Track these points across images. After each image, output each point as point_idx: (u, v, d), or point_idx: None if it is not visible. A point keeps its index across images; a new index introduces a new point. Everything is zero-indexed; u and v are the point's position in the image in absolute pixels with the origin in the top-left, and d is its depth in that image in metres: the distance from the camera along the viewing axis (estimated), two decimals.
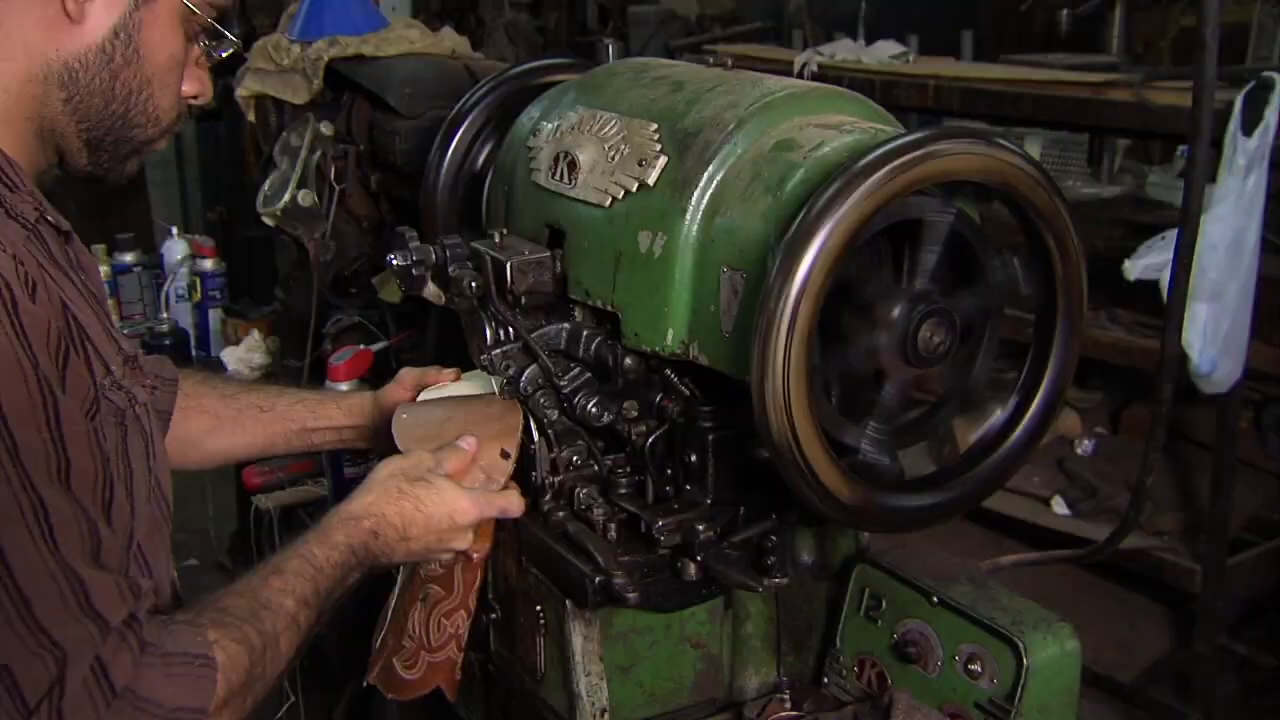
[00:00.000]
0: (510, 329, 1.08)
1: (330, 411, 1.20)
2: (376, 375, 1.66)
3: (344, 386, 1.63)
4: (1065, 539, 2.04)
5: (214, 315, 2.35)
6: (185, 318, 2.40)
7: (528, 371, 1.08)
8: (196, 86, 0.88)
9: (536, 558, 1.10)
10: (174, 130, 0.87)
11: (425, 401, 1.16)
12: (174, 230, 2.45)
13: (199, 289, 2.36)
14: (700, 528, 1.00)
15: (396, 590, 1.10)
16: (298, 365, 1.85)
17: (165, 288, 2.38)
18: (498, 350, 1.08)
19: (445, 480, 1.01)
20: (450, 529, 0.99)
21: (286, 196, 1.75)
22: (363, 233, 1.78)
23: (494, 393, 1.12)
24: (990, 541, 2.13)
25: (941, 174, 0.86)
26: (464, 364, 1.19)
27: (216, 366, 2.26)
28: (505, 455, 1.08)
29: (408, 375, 1.22)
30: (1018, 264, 0.94)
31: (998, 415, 0.98)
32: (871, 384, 0.91)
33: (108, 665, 0.70)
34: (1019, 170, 0.88)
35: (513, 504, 1.05)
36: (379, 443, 1.18)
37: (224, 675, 0.76)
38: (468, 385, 1.18)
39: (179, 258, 2.40)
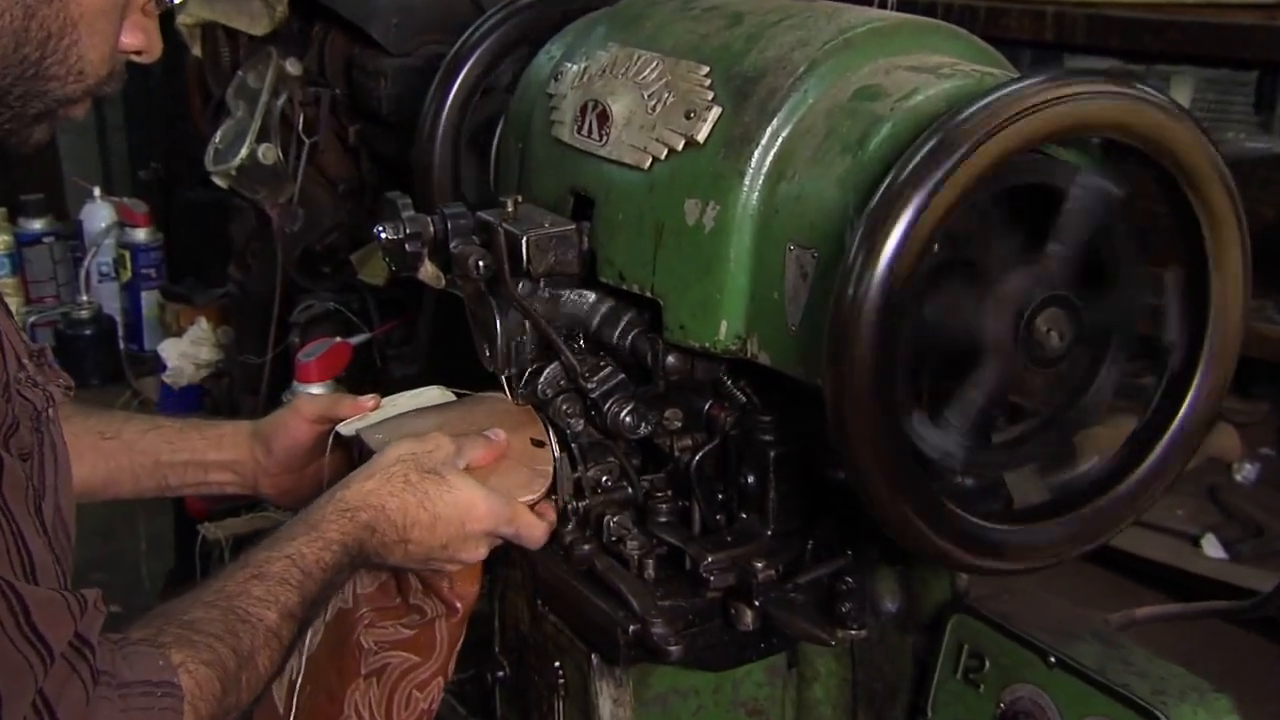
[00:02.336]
0: (526, 319, 1.12)
1: (192, 443, 1.17)
2: (356, 375, 1.72)
3: (315, 389, 1.68)
4: (1219, 588, 2.04)
5: (149, 299, 2.41)
6: (112, 302, 2.45)
7: (547, 371, 1.12)
8: (140, 39, 0.86)
9: (555, 601, 1.14)
10: (102, 91, 0.85)
11: (392, 419, 1.16)
12: (95, 192, 2.50)
13: (129, 266, 2.41)
14: (758, 565, 1.04)
15: (305, 652, 1.08)
16: (257, 362, 1.90)
17: (85, 263, 2.44)
18: (510, 345, 1.12)
19: (463, 476, 1.04)
20: (459, 537, 1.03)
21: (243, 152, 1.79)
22: (339, 198, 1.83)
23: (471, 396, 1.16)
24: (1122, 589, 2.13)
25: (1065, 129, 0.88)
26: (462, 362, 1.22)
27: (152, 362, 2.32)
28: (539, 443, 1.12)
29: (307, 404, 1.18)
30: (1169, 282, 0.96)
31: (1131, 430, 1.00)
32: (966, 386, 0.94)
33: (53, 701, 0.71)
34: (1167, 122, 0.90)
35: (537, 527, 1.08)
36: (272, 488, 1.17)
37: (191, 706, 0.78)
38: (412, 400, 1.19)
39: (102, 226, 2.46)
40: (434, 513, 1.01)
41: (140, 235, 2.42)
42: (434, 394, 1.21)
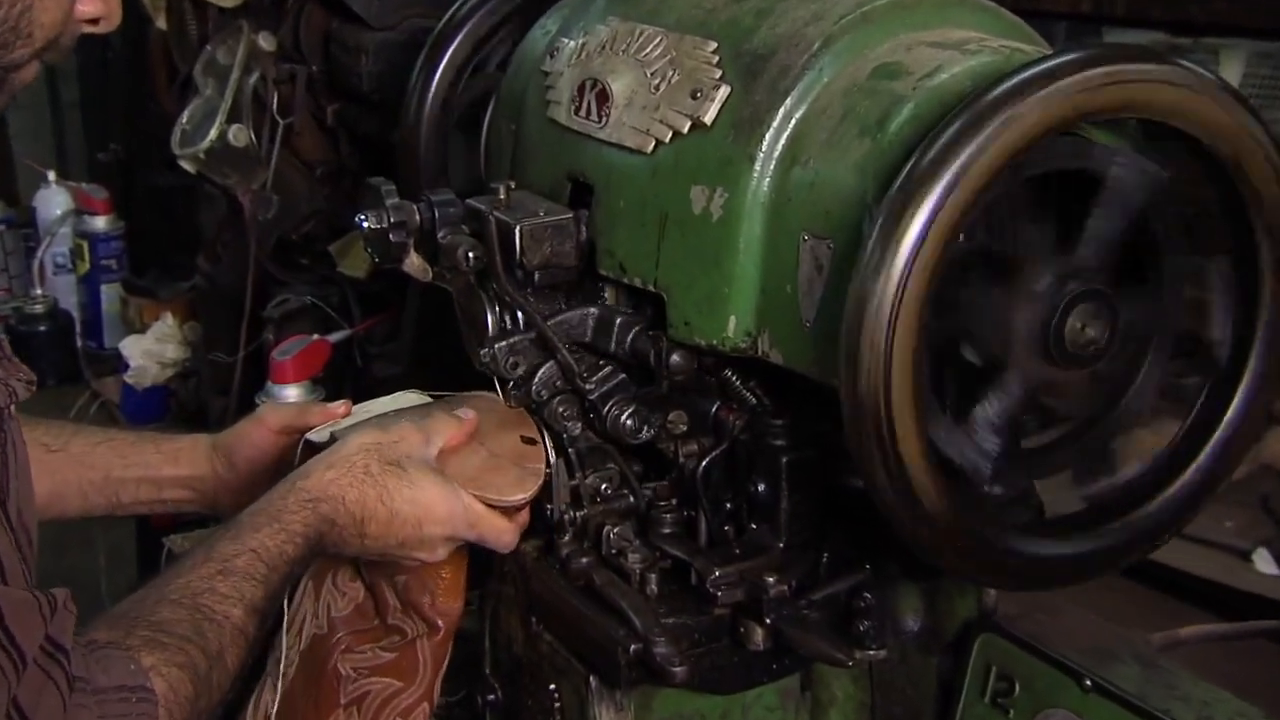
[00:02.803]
0: (520, 315, 1.13)
1: (146, 457, 1.18)
2: (335, 375, 1.73)
3: (291, 391, 1.69)
4: (1271, 607, 2.04)
5: (109, 293, 2.41)
6: (69, 295, 2.46)
7: (542, 371, 1.13)
8: (97, 6, 0.86)
9: (551, 619, 1.15)
10: (53, 55, 0.86)
11: (367, 421, 1.14)
12: (49, 176, 2.50)
13: (87, 257, 2.41)
14: (770, 580, 1.05)
15: (280, 684, 1.09)
16: (227, 361, 1.91)
17: (39, 254, 2.44)
18: (503, 343, 1.13)
19: (427, 472, 1.06)
20: (415, 538, 1.05)
21: (213, 133, 1.80)
22: (316, 183, 1.85)
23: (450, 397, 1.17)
24: (1165, 608, 2.14)
25: (1102, 109, 0.88)
26: (450, 362, 1.23)
27: (112, 361, 2.32)
28: (531, 441, 1.13)
29: (272, 415, 1.21)
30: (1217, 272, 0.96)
31: (1173, 434, 1.01)
32: (994, 387, 0.94)
33: (29, 710, 0.74)
34: (1212, 102, 0.90)
35: (504, 532, 1.10)
36: (234, 504, 1.14)
37: (165, 709, 0.83)
38: (389, 405, 1.19)
39: (58, 214, 2.46)
40: (392, 509, 1.03)
41: (99, 223, 2.42)
42: (410, 398, 1.22)
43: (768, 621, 1.05)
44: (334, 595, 1.13)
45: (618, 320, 1.12)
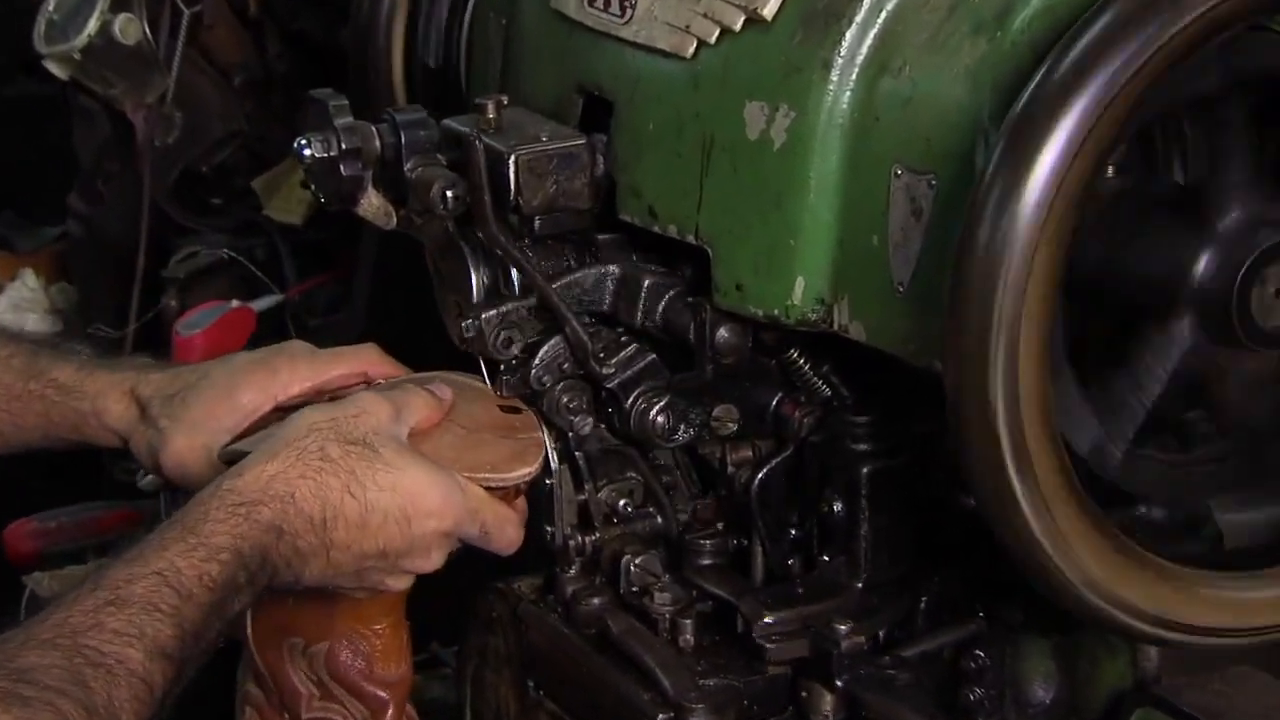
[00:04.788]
0: (515, 275, 1.16)
1: (65, 372, 1.24)
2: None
3: None
4: None
5: None
6: None
7: (545, 350, 1.16)
8: None
9: (554, 681, 1.19)
10: None
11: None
12: None
13: None
14: (843, 629, 1.08)
15: None
16: (113, 336, 1.93)
17: None
18: (492, 311, 1.15)
19: (404, 451, 1.09)
20: (403, 538, 1.06)
21: (91, 26, 1.82)
22: (234, 96, 1.88)
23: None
24: None
25: None
26: (418, 337, 1.26)
27: None
28: (512, 409, 1.17)
29: (255, 373, 1.21)
30: None
31: None
32: (1144, 370, 0.98)
33: None
34: None
35: (509, 521, 1.12)
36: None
37: None
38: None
39: None
40: (365, 502, 1.05)
41: None
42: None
43: (839, 685, 1.08)
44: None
45: (646, 282, 1.15)
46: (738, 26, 1.06)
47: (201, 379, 1.21)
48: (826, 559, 1.15)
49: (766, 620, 1.10)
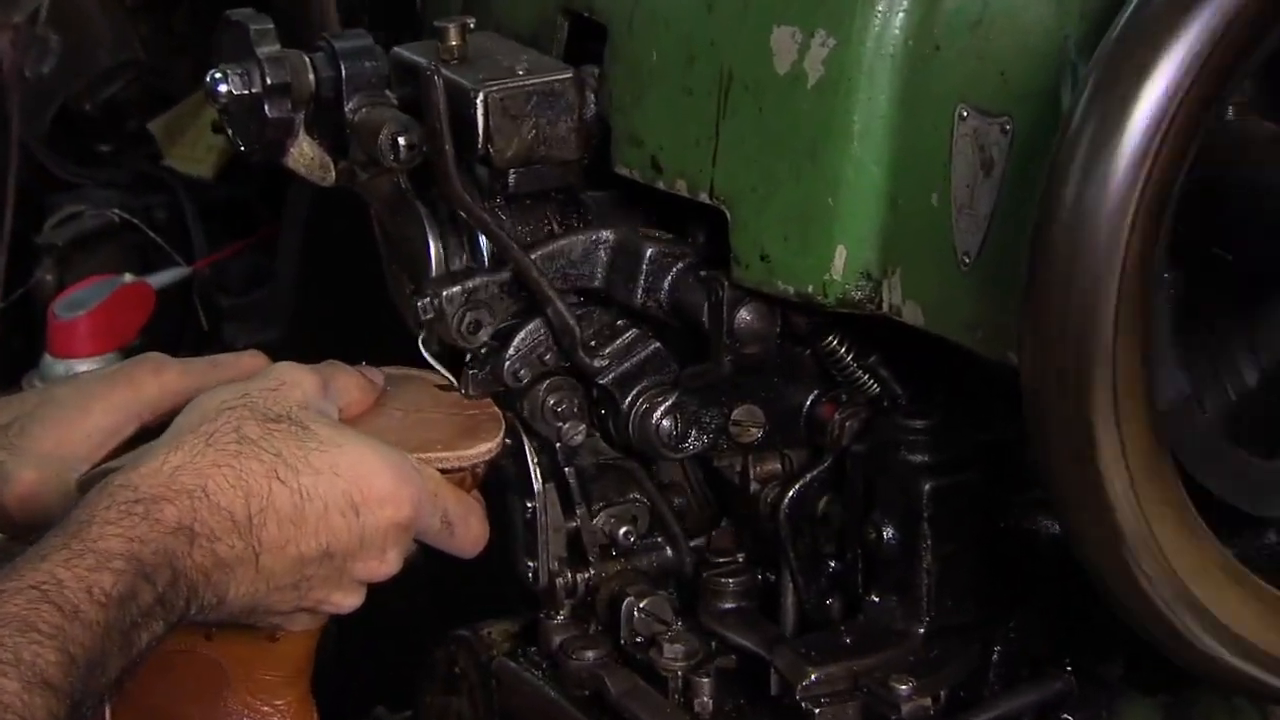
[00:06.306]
0: (484, 242, 1.18)
1: None
2: (163, 344, 1.74)
3: (83, 366, 1.72)
4: None
5: None
6: None
7: (521, 336, 1.18)
8: None
9: None
10: None
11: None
12: None
13: None
14: (903, 689, 1.09)
15: None
16: None
17: None
18: (455, 287, 1.17)
19: (340, 427, 1.10)
20: (350, 533, 1.07)
21: None
22: (127, 16, 1.89)
23: None
24: None
25: None
26: (358, 319, 1.27)
27: None
28: (447, 387, 1.19)
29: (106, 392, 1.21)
30: None
31: None
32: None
33: None
34: None
35: (473, 511, 1.13)
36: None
37: None
38: None
39: None
40: (299, 489, 1.07)
41: None
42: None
43: None
44: None
45: (648, 252, 1.17)
46: None
47: (45, 403, 1.21)
48: (875, 599, 1.16)
49: (811, 679, 1.11)
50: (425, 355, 1.21)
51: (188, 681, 1.13)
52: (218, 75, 1.19)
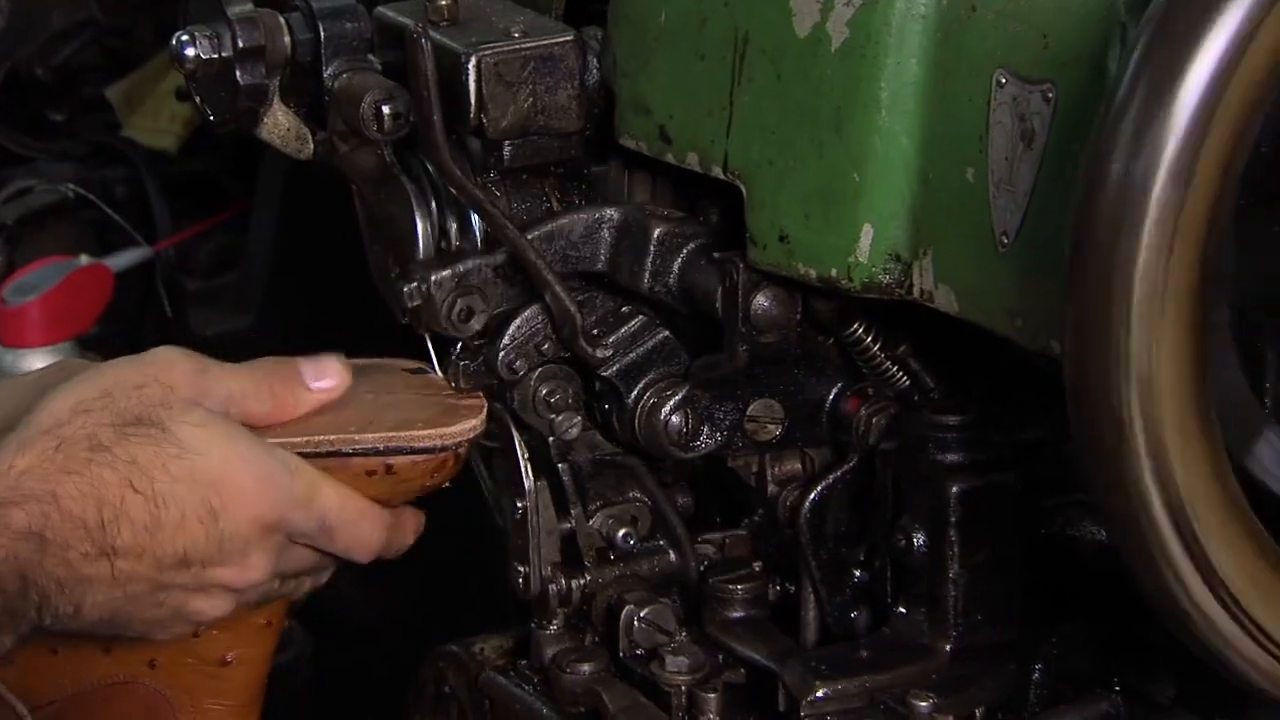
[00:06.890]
0: (476, 221, 1.19)
1: None
2: (122, 336, 1.78)
3: (37, 359, 1.71)
4: None
5: None
6: None
7: (517, 322, 1.18)
8: None
9: None
10: None
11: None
12: None
13: None
14: (923, 706, 1.09)
15: None
16: None
17: None
18: (444, 271, 1.17)
19: (208, 421, 1.10)
20: (207, 545, 1.08)
21: None
22: None
23: None
24: None
25: None
26: (336, 307, 1.27)
27: None
28: (419, 370, 1.20)
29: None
30: None
31: None
32: None
33: None
34: None
35: (365, 514, 1.14)
36: None
37: None
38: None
39: None
40: (155, 496, 1.08)
41: None
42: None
43: None
44: None
45: (656, 232, 1.17)
46: None
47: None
48: (903, 611, 1.17)
49: (819, 694, 1.11)
50: (426, 342, 1.22)
51: (131, 715, 1.15)
52: (184, 38, 1.19)
